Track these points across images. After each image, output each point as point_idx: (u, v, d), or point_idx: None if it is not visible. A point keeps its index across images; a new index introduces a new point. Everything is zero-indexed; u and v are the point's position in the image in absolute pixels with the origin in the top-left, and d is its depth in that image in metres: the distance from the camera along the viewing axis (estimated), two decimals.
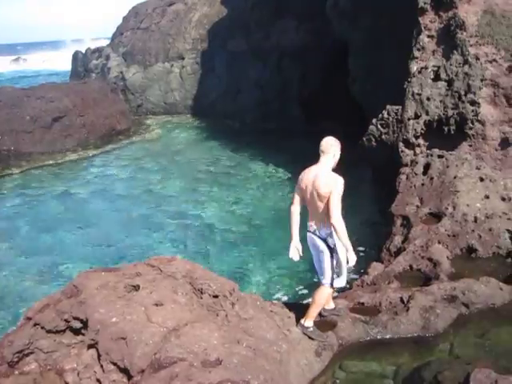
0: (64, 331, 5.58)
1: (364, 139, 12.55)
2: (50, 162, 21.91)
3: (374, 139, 12.26)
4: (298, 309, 6.87)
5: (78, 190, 17.98)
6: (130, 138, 26.11)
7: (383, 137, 11.96)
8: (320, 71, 23.68)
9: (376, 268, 8.66)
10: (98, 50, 35.97)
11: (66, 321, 5.49)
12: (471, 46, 11.01)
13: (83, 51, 37.95)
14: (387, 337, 6.47)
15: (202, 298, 5.46)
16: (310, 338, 6.10)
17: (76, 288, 5.75)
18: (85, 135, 24.63)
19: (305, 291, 10.26)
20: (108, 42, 37.16)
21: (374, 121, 12.24)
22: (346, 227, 12.88)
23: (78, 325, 5.43)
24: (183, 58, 30.70)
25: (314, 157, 19.58)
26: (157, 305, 5.13)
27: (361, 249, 11.87)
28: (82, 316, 5.30)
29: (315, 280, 10.52)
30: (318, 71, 23.86)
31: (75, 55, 38.87)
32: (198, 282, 5.55)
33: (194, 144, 24.54)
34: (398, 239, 9.35)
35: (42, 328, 5.56)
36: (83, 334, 5.44)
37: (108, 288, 5.49)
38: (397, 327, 6.51)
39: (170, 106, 31.05)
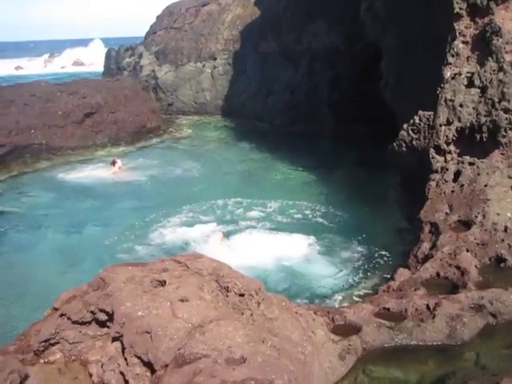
0: (89, 323, 5.63)
1: (394, 144, 12.45)
2: (81, 157, 22.19)
3: (404, 144, 12.16)
4: (323, 312, 6.85)
5: (106, 186, 18.14)
6: (160, 136, 26.26)
7: (414, 142, 11.85)
8: (351, 75, 23.60)
9: (403, 274, 8.56)
10: (131, 48, 36.26)
11: (92, 313, 5.55)
12: (507, 53, 10.84)
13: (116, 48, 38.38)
14: (412, 343, 6.39)
15: (227, 296, 5.45)
16: None
17: (103, 281, 5.80)
18: (115, 132, 24.87)
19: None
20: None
21: (405, 126, 12.13)
22: (373, 232, 12.86)
23: (103, 317, 5.48)
24: (215, 59, 30.81)
25: (341, 160, 19.59)
26: (182, 300, 5.14)
27: (387, 254, 11.80)
28: (108, 308, 5.35)
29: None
30: (348, 75, 23.78)
31: (108, 53, 39.31)
32: (224, 280, 5.55)
33: (223, 144, 24.63)
34: (425, 246, 9.24)
35: (68, 319, 5.62)
36: (108, 327, 5.48)
37: (135, 282, 5.52)
38: (422, 334, 6.43)
39: (200, 105, 31.18)
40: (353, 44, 23.48)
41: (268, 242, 12.75)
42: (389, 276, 10.12)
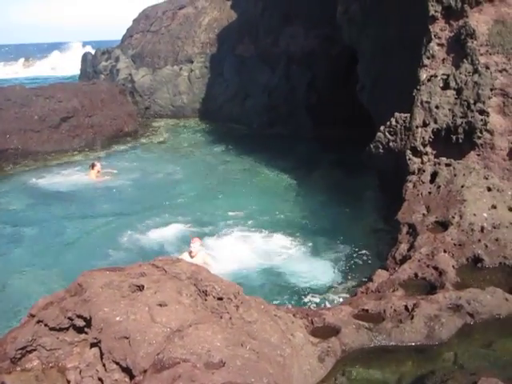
0: (67, 329, 5.57)
1: (371, 146, 12.54)
2: (57, 162, 21.97)
3: (381, 146, 12.24)
4: (302, 314, 6.85)
5: (84, 191, 17.97)
6: (137, 140, 26.10)
7: (391, 144, 11.93)
8: (328, 78, 23.70)
9: (381, 275, 8.62)
10: (108, 52, 36.02)
11: (70, 319, 5.48)
12: (481, 55, 10.98)
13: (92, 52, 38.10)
14: (391, 344, 6.42)
15: (206, 299, 5.43)
16: None
17: (80, 286, 5.74)
18: (92, 136, 24.68)
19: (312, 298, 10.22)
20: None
21: (381, 128, 12.22)
22: (352, 233, 12.91)
23: (81, 323, 5.42)
24: (192, 62, 30.74)
25: (318, 162, 19.61)
26: (161, 305, 5.11)
27: (365, 255, 11.87)
28: (85, 314, 5.29)
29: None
30: (325, 77, 23.88)
31: (84, 56, 38.99)
32: (202, 284, 5.53)
33: (200, 147, 24.53)
34: (403, 247, 9.31)
35: (46, 325, 5.55)
36: (86, 333, 5.43)
37: (112, 287, 5.47)
38: (401, 335, 6.47)
39: (177, 109, 31.08)
40: (329, 47, 23.58)
41: (247, 243, 12.78)
42: (367, 277, 10.19)
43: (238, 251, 12.22)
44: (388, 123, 12.03)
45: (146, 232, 13.83)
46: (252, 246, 12.58)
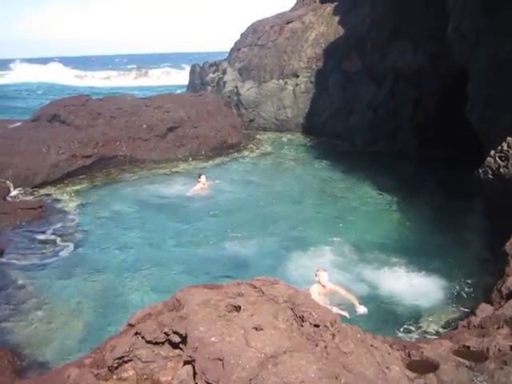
0: (163, 343, 5.67)
1: (480, 171, 12.02)
2: (163, 170, 22.69)
3: (490, 172, 11.70)
4: (399, 345, 6.60)
5: (188, 201, 18.38)
6: (241, 152, 26.43)
7: (501, 170, 11.38)
8: (436, 96, 23.00)
9: (485, 310, 8.16)
10: (216, 64, 36.92)
11: (166, 334, 5.57)
12: None
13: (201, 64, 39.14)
14: None
15: (302, 325, 5.33)
16: None
17: (178, 302, 5.83)
18: (197, 146, 25.31)
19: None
20: None
21: (492, 152, 11.69)
22: (454, 261, 12.23)
23: (177, 339, 5.49)
24: (297, 76, 30.84)
25: (422, 183, 18.91)
26: (256, 329, 5.07)
27: (468, 286, 11.32)
28: (181, 331, 5.35)
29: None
30: (433, 96, 23.18)
31: (193, 68, 40.15)
32: (299, 309, 5.44)
33: (302, 163, 24.46)
34: (510, 281, 8.79)
35: (143, 338, 5.68)
36: (181, 349, 5.49)
37: (209, 306, 5.50)
38: (505, 378, 6.06)
39: (281, 122, 31.24)
40: (439, 64, 22.88)
41: (343, 263, 12.56)
42: (470, 309, 9.70)
43: (333, 271, 12.01)
44: (499, 148, 11.49)
45: (243, 246, 13.93)
46: (348, 267, 12.35)
